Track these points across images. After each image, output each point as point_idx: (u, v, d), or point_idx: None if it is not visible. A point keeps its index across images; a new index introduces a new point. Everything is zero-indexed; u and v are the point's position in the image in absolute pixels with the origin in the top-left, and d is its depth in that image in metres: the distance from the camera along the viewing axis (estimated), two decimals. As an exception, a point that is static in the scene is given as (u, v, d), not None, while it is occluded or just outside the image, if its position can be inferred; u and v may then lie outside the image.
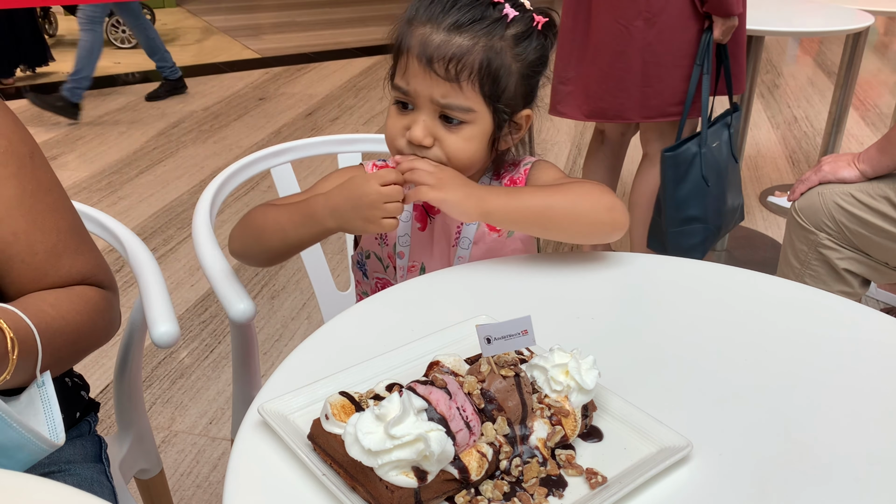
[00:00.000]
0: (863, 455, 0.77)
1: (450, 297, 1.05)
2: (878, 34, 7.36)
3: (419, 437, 0.65)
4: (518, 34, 1.08)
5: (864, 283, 1.96)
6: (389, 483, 0.65)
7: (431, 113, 1.08)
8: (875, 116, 4.82)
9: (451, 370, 0.77)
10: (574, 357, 0.78)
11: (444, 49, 1.05)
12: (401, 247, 1.21)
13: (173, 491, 1.86)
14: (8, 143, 0.93)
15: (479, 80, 1.06)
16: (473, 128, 1.10)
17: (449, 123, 1.09)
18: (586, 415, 0.78)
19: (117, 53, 6.09)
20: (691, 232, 2.30)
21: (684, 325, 1.00)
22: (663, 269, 1.15)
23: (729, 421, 0.81)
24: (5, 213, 0.92)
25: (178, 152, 4.02)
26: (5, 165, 0.92)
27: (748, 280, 1.12)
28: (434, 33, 1.06)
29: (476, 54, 1.05)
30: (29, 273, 0.95)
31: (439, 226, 1.21)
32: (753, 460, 0.76)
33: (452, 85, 1.06)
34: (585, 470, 0.73)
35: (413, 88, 1.08)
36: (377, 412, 0.66)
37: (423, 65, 1.05)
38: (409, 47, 1.07)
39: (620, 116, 2.31)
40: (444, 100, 1.06)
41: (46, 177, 0.98)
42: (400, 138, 1.11)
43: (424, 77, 1.06)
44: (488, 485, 0.71)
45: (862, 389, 0.87)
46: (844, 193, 1.86)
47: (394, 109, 1.12)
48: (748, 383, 0.88)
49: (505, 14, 1.07)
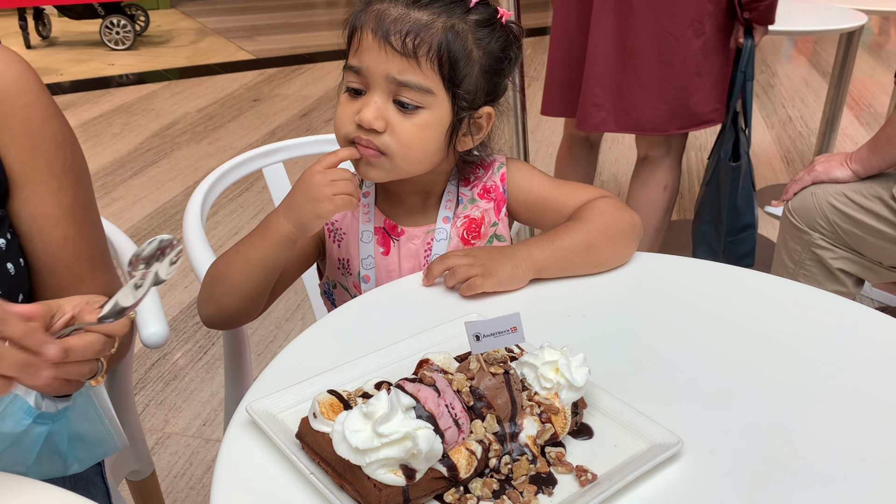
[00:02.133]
0: (856, 453, 0.76)
1: (440, 296, 1.04)
2: (872, 34, 7.37)
3: (407, 435, 0.64)
4: (480, 20, 1.04)
5: (857, 282, 1.96)
6: (377, 481, 0.65)
7: (385, 95, 1.02)
8: (869, 116, 4.83)
9: (440, 368, 0.76)
10: (564, 354, 0.77)
11: (402, 22, 1.00)
12: (365, 270, 1.15)
13: (166, 493, 1.85)
14: (72, 156, 1.00)
15: (439, 60, 1.01)
16: (429, 114, 1.03)
17: (403, 108, 1.02)
18: (576, 412, 0.78)
19: (111, 55, 6.08)
20: (745, 239, 2.31)
21: (676, 322, 1.00)
22: (655, 267, 1.14)
23: (721, 419, 0.81)
24: (61, 219, 0.98)
25: (173, 154, 4.01)
26: (67, 175, 0.99)
27: (742, 278, 1.11)
28: (391, 8, 1.01)
29: (435, 31, 1.01)
30: (69, 279, 0.99)
31: (405, 248, 1.15)
32: (745, 458, 0.75)
33: (410, 61, 1.00)
34: (575, 467, 0.73)
35: (366, 65, 1.02)
36: (365, 410, 0.66)
37: (378, 38, 1.00)
38: (363, 24, 1.02)
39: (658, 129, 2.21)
40: (400, 76, 1.00)
41: (91, 193, 1.05)
42: (348, 124, 1.04)
43: (379, 52, 1.00)
44: (477, 483, 0.70)
45: (856, 388, 0.87)
46: (838, 193, 1.87)
47: (344, 97, 1.06)
48: (740, 381, 0.88)
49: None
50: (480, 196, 1.17)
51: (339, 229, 1.17)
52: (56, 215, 0.98)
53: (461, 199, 1.17)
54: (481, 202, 1.17)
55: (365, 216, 1.16)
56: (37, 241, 0.98)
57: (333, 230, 1.17)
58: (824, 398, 0.85)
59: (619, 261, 1.12)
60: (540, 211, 1.18)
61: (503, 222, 1.18)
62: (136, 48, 6.29)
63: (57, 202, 0.98)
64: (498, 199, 1.17)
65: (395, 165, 1.05)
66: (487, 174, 1.17)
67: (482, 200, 1.17)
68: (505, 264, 1.03)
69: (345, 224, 1.17)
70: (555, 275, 1.08)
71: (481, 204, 1.16)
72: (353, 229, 1.16)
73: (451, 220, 1.15)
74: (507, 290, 1.04)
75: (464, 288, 1.02)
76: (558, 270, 1.07)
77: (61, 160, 0.99)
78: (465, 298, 1.02)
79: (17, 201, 0.96)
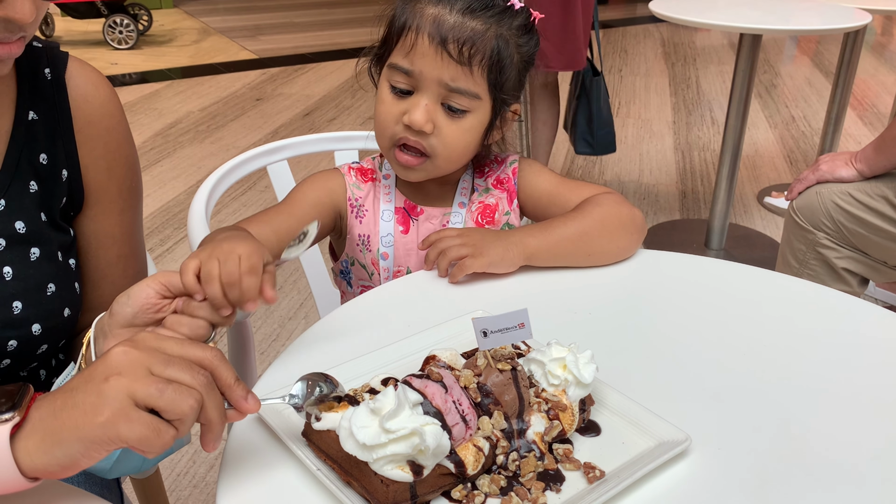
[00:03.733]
0: (863, 450, 0.76)
1: (446, 293, 1.04)
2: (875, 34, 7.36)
3: (414, 431, 0.64)
4: (521, 26, 1.07)
5: (862, 282, 1.96)
6: (384, 477, 0.65)
7: (435, 98, 1.05)
8: (872, 116, 4.82)
9: (447, 364, 0.76)
10: (572, 351, 0.77)
11: (460, 31, 1.02)
12: (384, 247, 1.17)
13: (170, 491, 1.85)
14: (137, 179, 1.05)
15: (489, 67, 1.04)
16: (473, 118, 1.07)
17: (451, 112, 1.05)
18: (584, 409, 0.77)
19: (114, 54, 6.08)
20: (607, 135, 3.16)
21: (683, 319, 1.00)
22: (662, 263, 1.14)
23: (728, 415, 0.81)
24: (119, 238, 1.03)
25: (176, 153, 4.01)
26: (131, 197, 1.04)
27: (747, 275, 1.11)
28: (447, 14, 1.02)
29: (489, 40, 1.03)
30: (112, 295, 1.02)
31: (423, 227, 1.18)
32: (752, 455, 0.75)
33: (464, 69, 1.03)
34: (583, 464, 0.73)
35: (419, 69, 1.03)
36: (372, 406, 0.66)
37: (434, 44, 1.01)
38: (418, 26, 1.03)
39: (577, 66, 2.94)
40: (453, 83, 1.03)
41: (142, 213, 1.10)
42: (395, 125, 1.06)
43: (435, 58, 1.02)
44: (485, 479, 0.70)
45: (862, 384, 0.87)
46: (843, 193, 1.86)
47: (388, 94, 1.07)
48: (747, 378, 0.87)
49: (511, 4, 1.06)
50: (494, 186, 1.21)
51: (362, 206, 1.18)
52: (115, 234, 1.02)
53: (476, 188, 1.21)
54: (495, 191, 1.20)
55: (386, 196, 1.18)
56: (91, 257, 1.02)
57: (357, 206, 1.18)
58: (832, 395, 0.85)
59: (618, 254, 1.12)
60: (545, 206, 1.21)
61: (515, 212, 1.21)
62: (139, 47, 6.29)
63: (119, 222, 1.02)
64: (510, 190, 1.20)
65: (437, 166, 1.09)
66: (501, 167, 1.21)
67: (496, 190, 1.20)
68: (496, 246, 1.05)
69: (368, 201, 1.18)
70: (547, 263, 1.09)
71: (495, 193, 1.20)
72: (375, 207, 1.18)
73: (467, 205, 1.19)
74: (497, 274, 1.06)
75: (454, 271, 1.03)
76: (550, 258, 1.08)
77: (128, 182, 1.03)
78: (468, 294, 1.02)
79: (85, 218, 1.00)
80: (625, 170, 3.90)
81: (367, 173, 1.20)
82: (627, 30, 7.46)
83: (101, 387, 0.61)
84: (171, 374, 0.63)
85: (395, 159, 1.10)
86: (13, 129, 0.91)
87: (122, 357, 0.63)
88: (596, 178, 3.75)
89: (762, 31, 2.63)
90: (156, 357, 0.63)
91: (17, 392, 0.64)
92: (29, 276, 0.90)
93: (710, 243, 3.09)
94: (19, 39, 0.79)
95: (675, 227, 3.32)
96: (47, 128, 0.93)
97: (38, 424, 0.63)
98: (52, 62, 0.94)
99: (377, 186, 1.19)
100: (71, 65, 0.96)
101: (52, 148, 0.94)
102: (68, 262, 0.96)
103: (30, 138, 0.92)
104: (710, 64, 6.13)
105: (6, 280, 0.89)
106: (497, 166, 1.21)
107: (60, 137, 0.95)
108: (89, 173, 0.98)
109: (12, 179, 0.90)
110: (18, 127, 0.91)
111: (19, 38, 0.79)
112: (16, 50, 0.80)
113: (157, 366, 0.63)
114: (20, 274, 0.90)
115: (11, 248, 0.89)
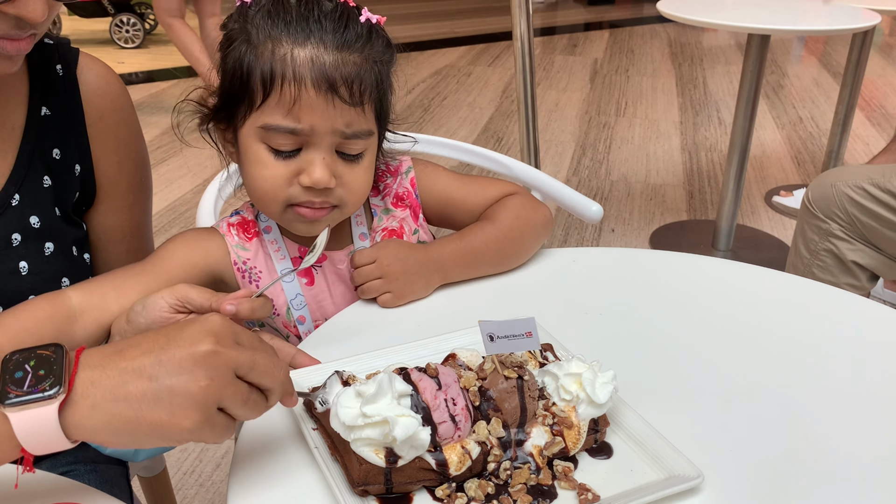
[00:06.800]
0: (876, 449, 0.76)
1: (453, 293, 1.04)
2: (882, 35, 7.34)
3: (386, 419, 0.65)
4: (385, 40, 0.95)
5: (871, 277, 1.95)
6: (360, 457, 0.66)
7: (329, 148, 0.90)
8: (881, 117, 4.81)
9: (466, 364, 0.76)
10: (592, 368, 0.74)
11: (344, 69, 0.88)
12: (297, 311, 1.03)
13: (176, 489, 1.85)
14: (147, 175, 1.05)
15: (376, 99, 0.93)
16: (369, 154, 0.95)
17: (348, 158, 0.92)
18: (597, 429, 0.74)
19: (121, 53, 6.10)
20: None
21: (694, 321, 0.99)
22: (672, 265, 1.14)
23: (740, 416, 0.80)
24: (128, 233, 1.04)
25: (182, 151, 4.01)
26: (141, 192, 1.04)
27: (755, 276, 1.11)
28: (323, 53, 0.87)
29: (369, 71, 0.90)
30: None
31: (331, 275, 1.05)
32: (764, 457, 0.74)
33: (357, 110, 0.89)
34: (579, 485, 0.70)
35: (308, 125, 0.87)
36: (358, 389, 0.67)
37: (323, 92, 0.86)
38: (294, 74, 0.86)
39: None
40: (349, 129, 0.89)
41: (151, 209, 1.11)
42: (287, 187, 0.91)
43: (326, 108, 0.87)
44: (473, 483, 0.69)
45: (877, 385, 0.86)
46: (856, 187, 1.87)
47: (268, 157, 0.90)
48: (759, 379, 0.87)
49: (367, 19, 0.92)
50: (395, 205, 1.08)
51: (252, 268, 1.01)
52: (125, 229, 1.03)
53: (374, 210, 1.09)
54: (397, 211, 1.08)
55: (277, 253, 1.02)
56: (101, 251, 1.02)
57: (247, 269, 1.01)
58: (845, 395, 0.84)
59: (528, 255, 1.11)
60: (450, 213, 1.12)
61: (423, 227, 1.11)
62: (145, 46, 6.30)
63: (129, 217, 1.03)
64: (413, 205, 1.09)
65: (344, 213, 0.98)
66: (396, 180, 1.09)
67: (397, 210, 1.08)
68: (418, 279, 1.01)
69: (258, 261, 1.01)
70: (464, 277, 1.06)
71: (397, 213, 1.08)
72: (270, 267, 1.02)
73: (368, 235, 1.07)
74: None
75: (380, 302, 1.00)
76: (467, 273, 1.06)
77: (138, 178, 1.03)
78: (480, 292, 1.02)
79: (96, 213, 1.01)
80: (631, 170, 3.90)
81: (249, 228, 1.02)
82: (634, 30, 7.45)
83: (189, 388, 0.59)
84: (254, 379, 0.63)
85: (295, 218, 0.95)
86: (26, 124, 0.91)
87: (213, 359, 0.60)
88: (603, 178, 3.74)
89: (771, 31, 2.63)
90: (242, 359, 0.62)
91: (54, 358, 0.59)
92: (44, 270, 0.91)
93: (718, 244, 3.08)
94: (29, 37, 0.79)
95: (682, 227, 3.31)
96: (60, 123, 0.94)
97: (98, 405, 0.58)
98: (63, 58, 0.95)
99: (262, 242, 1.02)
100: (82, 61, 0.96)
101: (65, 143, 0.94)
102: (82, 257, 0.96)
103: (43, 134, 0.92)
104: (717, 64, 6.12)
105: (22, 275, 0.89)
106: (392, 178, 1.09)
107: (73, 132, 0.95)
108: (101, 168, 0.98)
109: (26, 174, 0.91)
110: (32, 122, 0.92)
111: (30, 35, 0.79)
112: (25, 47, 0.80)
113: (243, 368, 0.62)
114: (35, 268, 0.90)
115: (26, 242, 0.90)
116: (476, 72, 5.70)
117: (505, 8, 2.42)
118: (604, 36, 7.20)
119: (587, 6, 8.68)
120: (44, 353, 0.59)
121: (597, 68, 5.90)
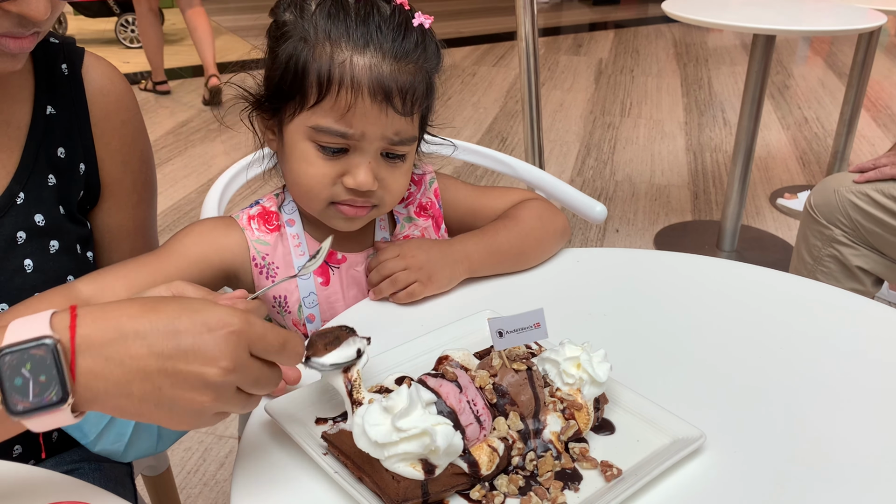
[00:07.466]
0: (879, 452, 0.76)
1: (458, 294, 1.04)
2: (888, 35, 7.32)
3: (425, 430, 0.64)
4: (435, 45, 0.95)
5: (876, 282, 1.95)
6: (395, 473, 0.65)
7: (375, 153, 0.92)
8: (886, 117, 4.79)
9: (460, 364, 0.76)
10: (585, 350, 0.77)
11: (400, 80, 0.89)
12: (308, 309, 1.02)
13: (180, 489, 1.85)
14: (151, 174, 1.05)
15: (424, 107, 0.95)
16: (410, 158, 0.97)
17: (390, 159, 0.94)
18: (598, 408, 0.77)
19: (126, 53, 6.11)
20: None
21: (697, 321, 0.99)
22: (676, 265, 1.13)
23: (744, 417, 0.80)
24: (132, 231, 1.04)
25: (187, 151, 4.02)
26: (146, 191, 1.04)
27: (760, 276, 1.10)
28: (381, 62, 0.88)
29: (421, 80, 0.92)
30: None
31: (347, 276, 1.05)
32: (769, 456, 0.74)
33: (407, 119, 0.91)
34: (600, 463, 0.72)
35: (360, 131, 0.89)
36: (385, 404, 0.66)
37: (378, 102, 0.88)
38: (353, 81, 0.87)
39: None
40: (397, 136, 0.91)
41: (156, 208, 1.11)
42: (331, 186, 0.93)
43: (379, 116, 0.88)
44: (503, 479, 0.70)
45: (880, 387, 0.86)
46: (860, 192, 1.86)
47: (315, 155, 0.92)
48: (762, 379, 0.87)
49: (420, 24, 0.92)
50: (417, 214, 1.09)
51: (270, 263, 1.01)
52: (130, 228, 1.03)
53: (397, 217, 1.09)
54: (420, 220, 1.09)
55: (297, 248, 1.02)
56: (105, 250, 1.02)
57: (265, 265, 1.00)
58: (848, 397, 0.84)
59: (545, 257, 1.12)
60: (470, 221, 1.13)
61: (445, 238, 1.12)
62: (150, 46, 6.30)
63: (133, 216, 1.03)
64: (436, 215, 1.11)
65: (381, 212, 1.00)
66: (420, 190, 1.10)
67: (420, 219, 1.09)
68: (444, 268, 1.01)
69: (277, 256, 1.01)
70: (485, 273, 1.06)
71: (420, 223, 1.09)
72: (288, 263, 1.01)
73: (390, 241, 1.08)
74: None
75: (401, 296, 0.99)
76: (489, 271, 1.06)
77: (143, 177, 1.03)
78: (481, 294, 1.02)
79: (100, 212, 1.01)
80: (636, 170, 3.89)
81: (271, 220, 1.02)
82: (639, 30, 7.44)
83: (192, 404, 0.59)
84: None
85: (335, 214, 0.97)
86: (31, 123, 0.92)
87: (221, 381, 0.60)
88: (607, 178, 3.74)
89: (776, 31, 2.62)
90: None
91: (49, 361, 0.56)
92: (49, 268, 0.91)
93: (722, 245, 3.08)
94: (32, 35, 0.80)
95: (687, 228, 3.31)
96: (65, 122, 0.94)
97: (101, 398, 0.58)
98: (68, 57, 0.95)
99: (283, 237, 1.01)
100: (87, 60, 0.96)
101: (70, 142, 0.95)
102: (86, 255, 0.97)
103: (48, 132, 0.93)
104: (722, 64, 6.11)
105: (27, 273, 0.89)
106: (416, 188, 1.09)
107: (77, 131, 0.95)
108: (105, 166, 0.98)
109: (31, 173, 0.91)
110: (37, 121, 0.92)
111: (32, 33, 0.79)
112: (27, 45, 0.80)
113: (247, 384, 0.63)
114: (40, 266, 0.90)
115: (31, 240, 0.90)
116: (481, 72, 5.70)
117: (509, 8, 2.42)
118: (609, 36, 7.20)
119: (592, 6, 8.67)
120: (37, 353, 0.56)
121: (601, 68, 5.90)
